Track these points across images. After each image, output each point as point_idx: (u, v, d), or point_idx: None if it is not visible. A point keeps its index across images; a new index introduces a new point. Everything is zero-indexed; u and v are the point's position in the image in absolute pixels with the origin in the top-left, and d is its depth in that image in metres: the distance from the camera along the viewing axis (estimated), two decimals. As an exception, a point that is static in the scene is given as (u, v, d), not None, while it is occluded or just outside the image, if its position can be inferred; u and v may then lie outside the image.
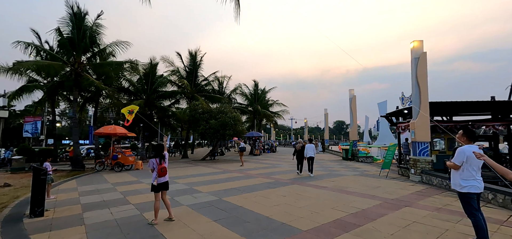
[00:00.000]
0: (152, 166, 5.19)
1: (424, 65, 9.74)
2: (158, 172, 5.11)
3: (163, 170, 5.15)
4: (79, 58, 15.22)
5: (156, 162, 5.18)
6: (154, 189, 5.18)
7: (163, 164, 5.19)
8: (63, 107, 44.79)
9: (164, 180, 5.22)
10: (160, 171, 5.12)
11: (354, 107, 19.89)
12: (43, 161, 7.52)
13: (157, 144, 5.55)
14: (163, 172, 5.16)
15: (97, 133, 13.91)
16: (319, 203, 6.44)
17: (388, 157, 10.90)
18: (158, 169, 5.13)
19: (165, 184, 5.26)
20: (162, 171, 5.14)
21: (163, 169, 5.15)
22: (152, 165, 5.18)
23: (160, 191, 5.23)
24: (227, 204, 6.57)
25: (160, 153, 5.27)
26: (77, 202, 7.18)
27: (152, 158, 5.28)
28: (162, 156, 5.26)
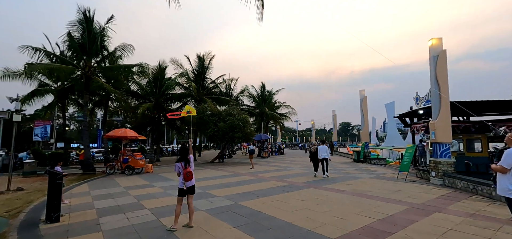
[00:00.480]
0: (177, 170, 5.05)
1: (444, 63, 9.39)
2: (184, 176, 4.94)
3: (188, 174, 4.96)
4: (89, 61, 15.27)
5: (181, 166, 5.03)
6: (180, 193, 5.00)
7: (188, 168, 5.01)
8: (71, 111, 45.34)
9: (190, 184, 5.05)
10: (186, 175, 4.94)
11: (365, 108, 19.49)
12: (53, 165, 7.45)
13: (182, 146, 5.33)
14: (189, 176, 4.98)
15: (108, 136, 13.88)
16: (341, 208, 6.16)
17: (406, 159, 10.53)
18: (183, 173, 4.95)
19: (191, 188, 5.08)
20: (188, 175, 4.96)
21: (188, 173, 4.96)
22: (178, 169, 5.05)
23: (186, 195, 5.05)
24: (245, 209, 6.34)
25: (185, 156, 5.08)
26: (91, 207, 7.05)
27: (177, 161, 5.11)
28: (188, 160, 5.08)
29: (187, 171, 4.97)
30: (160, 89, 21.71)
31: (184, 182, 4.98)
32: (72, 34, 14.63)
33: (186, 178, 4.95)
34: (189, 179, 4.99)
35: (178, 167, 5.05)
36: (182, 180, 4.99)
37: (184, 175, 4.95)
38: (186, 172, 4.95)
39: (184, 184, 4.98)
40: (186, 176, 4.95)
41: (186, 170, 4.98)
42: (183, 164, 5.03)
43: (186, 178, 4.95)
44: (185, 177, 4.95)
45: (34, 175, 14.87)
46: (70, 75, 15.64)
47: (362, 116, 19.67)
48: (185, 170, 4.97)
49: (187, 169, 4.99)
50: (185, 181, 4.97)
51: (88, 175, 13.47)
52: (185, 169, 4.99)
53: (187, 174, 4.95)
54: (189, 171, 4.98)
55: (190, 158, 5.16)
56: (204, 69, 24.53)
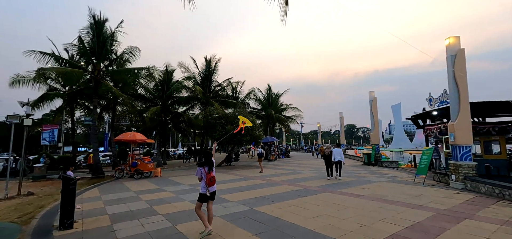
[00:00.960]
0: (199, 175, 4.78)
1: (463, 63, 9.08)
2: (207, 181, 4.71)
3: (212, 179, 4.74)
4: (98, 65, 15.28)
5: (204, 170, 4.76)
6: (201, 199, 4.78)
7: (212, 173, 4.78)
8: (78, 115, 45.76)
9: (213, 190, 4.84)
10: (209, 180, 4.71)
11: (375, 110, 19.14)
12: (65, 170, 7.33)
13: (205, 150, 5.13)
14: (213, 182, 4.77)
15: (117, 140, 13.81)
16: (363, 214, 5.89)
17: (423, 162, 10.19)
18: (207, 178, 4.71)
19: (213, 194, 4.88)
20: (212, 180, 4.74)
21: (212, 178, 4.74)
22: (200, 173, 4.78)
23: (207, 201, 4.85)
24: (262, 215, 6.12)
25: (209, 160, 4.85)
26: (104, 212, 6.90)
27: (200, 165, 4.88)
28: (212, 164, 4.85)
29: (210, 176, 4.73)
30: (166, 92, 21.68)
31: (207, 187, 4.74)
32: (82, 38, 14.67)
33: (209, 184, 4.73)
34: (212, 184, 4.79)
35: (200, 172, 4.78)
36: (205, 185, 4.75)
37: (207, 180, 4.71)
38: (209, 177, 4.71)
39: (207, 189, 4.74)
40: (210, 181, 4.72)
41: (210, 175, 4.74)
42: (206, 168, 4.78)
43: (210, 183, 4.73)
44: (208, 182, 4.72)
45: (44, 179, 14.87)
46: (80, 79, 15.69)
47: (372, 118, 19.32)
48: (209, 175, 4.73)
49: (210, 174, 4.75)
50: (208, 187, 4.74)
51: (97, 179, 13.40)
52: (208, 174, 4.74)
53: (210, 179, 4.72)
54: (212, 176, 4.76)
55: (213, 162, 4.94)
56: (211, 72, 24.46)
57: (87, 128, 64.41)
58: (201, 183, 4.84)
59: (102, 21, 14.94)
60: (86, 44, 15.01)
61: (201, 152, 25.69)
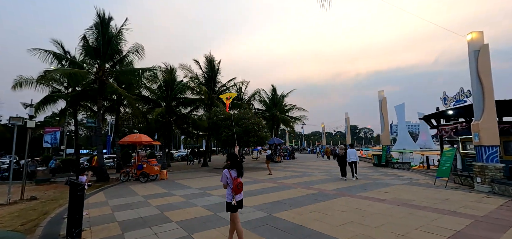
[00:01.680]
0: (225, 181, 4.23)
1: (487, 58, 8.64)
2: (233, 188, 4.15)
3: (239, 186, 4.20)
4: (103, 66, 14.92)
5: (230, 175, 4.20)
6: (231, 209, 4.24)
7: (239, 179, 4.25)
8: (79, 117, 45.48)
9: (239, 198, 4.28)
10: (236, 187, 4.15)
11: (385, 110, 18.67)
12: (78, 175, 6.93)
13: (231, 153, 4.61)
14: (240, 188, 4.23)
15: (122, 142, 13.41)
16: (394, 222, 5.44)
17: (445, 163, 9.72)
18: (233, 184, 4.15)
19: (240, 203, 4.32)
20: (239, 187, 4.19)
21: (239, 184, 4.20)
22: (226, 179, 4.22)
23: (237, 211, 4.29)
24: (284, 223, 5.68)
25: (237, 164, 4.32)
26: (113, 219, 6.49)
27: (225, 168, 4.37)
28: (240, 168, 4.32)
29: (237, 182, 4.18)
30: (171, 93, 21.29)
31: (234, 195, 4.18)
32: (87, 37, 14.32)
33: (236, 191, 4.17)
34: (239, 192, 4.25)
35: (226, 177, 4.21)
36: (231, 192, 4.20)
37: (234, 187, 4.14)
38: (237, 183, 4.15)
39: (233, 197, 4.17)
40: (237, 188, 4.16)
41: (237, 180, 4.18)
42: (233, 172, 4.23)
43: (237, 190, 4.17)
44: (235, 189, 4.14)
45: (47, 183, 14.50)
46: (84, 80, 15.34)
47: (382, 118, 18.84)
48: (236, 181, 4.17)
49: (237, 180, 4.20)
50: (235, 194, 4.18)
51: (102, 182, 13.00)
52: (235, 180, 4.19)
53: (238, 185, 4.16)
54: (240, 182, 4.21)
55: (241, 166, 4.43)
56: (214, 72, 24.08)
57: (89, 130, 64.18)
58: (227, 190, 4.31)
59: (107, 19, 14.58)
60: (90, 43, 14.65)
61: (204, 153, 25.28)
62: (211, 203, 7.95)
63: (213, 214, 6.62)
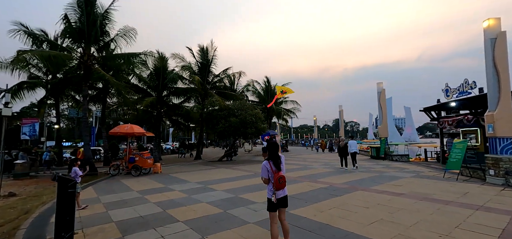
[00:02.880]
0: (266, 175, 3.62)
1: (504, 46, 8.34)
2: (274, 183, 3.53)
3: (281, 180, 3.54)
4: (88, 49, 13.62)
5: (270, 168, 3.58)
6: (271, 208, 3.63)
7: (280, 172, 3.60)
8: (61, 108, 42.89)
9: (282, 195, 3.63)
10: (278, 181, 3.51)
11: (383, 102, 18.50)
12: (71, 166, 6.03)
13: (270, 142, 3.82)
14: (282, 183, 3.55)
15: (113, 133, 12.34)
16: (427, 219, 5.00)
17: (455, 156, 9.48)
18: (274, 178, 3.53)
19: (284, 200, 3.66)
20: (281, 181, 3.53)
21: (281, 178, 3.54)
22: (266, 173, 3.61)
23: (276, 209, 3.66)
24: (306, 221, 5.10)
25: (276, 154, 3.67)
26: (108, 219, 5.67)
27: (268, 159, 3.70)
28: (278, 159, 3.66)
29: (279, 175, 3.54)
30: (162, 82, 20.09)
31: (275, 191, 3.55)
32: (69, 17, 12.93)
33: (278, 186, 3.52)
34: (282, 187, 3.58)
35: (266, 170, 3.62)
36: (272, 188, 3.58)
37: (275, 181, 3.52)
38: (278, 177, 3.52)
39: (274, 194, 3.55)
40: (278, 182, 3.52)
41: (278, 174, 3.55)
42: (272, 164, 3.60)
43: (278, 185, 3.52)
44: (276, 184, 3.51)
45: (27, 177, 13.22)
46: (66, 64, 13.99)
47: (380, 110, 18.67)
48: (277, 175, 3.54)
49: (279, 173, 3.57)
50: (276, 190, 3.55)
51: (90, 176, 11.94)
52: (276, 173, 3.56)
53: (279, 179, 3.52)
54: (282, 176, 3.56)
55: (282, 159, 3.73)
56: (209, 62, 22.99)
57: (71, 121, 61.04)
58: (268, 186, 3.67)
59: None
60: (73, 24, 13.27)
61: (197, 146, 24.37)
62: (217, 199, 7.26)
63: (223, 212, 5.94)
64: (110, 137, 23.60)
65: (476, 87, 11.87)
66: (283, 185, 3.57)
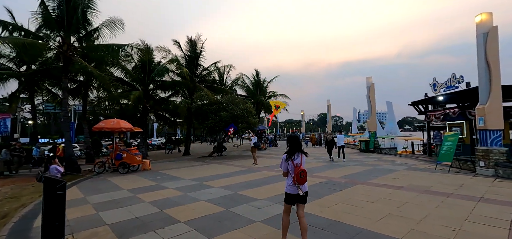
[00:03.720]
0: (285, 168, 3.54)
1: (495, 41, 8.58)
2: (295, 177, 3.40)
3: (302, 174, 3.40)
4: (68, 38, 12.60)
5: (291, 162, 3.47)
6: (289, 200, 3.54)
7: (301, 166, 3.47)
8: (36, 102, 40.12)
9: (305, 189, 3.52)
10: (299, 176, 3.38)
11: (373, 96, 18.80)
12: (48, 164, 5.47)
13: (291, 136, 3.78)
14: (303, 178, 3.41)
15: (97, 129, 11.55)
16: (434, 212, 5.00)
17: (447, 148, 9.74)
18: (295, 172, 3.40)
19: (302, 196, 3.50)
20: (302, 175, 3.39)
21: (303, 172, 3.41)
22: (286, 166, 3.53)
23: (295, 203, 3.56)
24: (314, 218, 4.94)
25: (299, 148, 3.56)
26: (100, 222, 5.20)
27: (287, 154, 3.57)
28: (300, 153, 3.54)
29: (300, 170, 3.41)
30: (149, 75, 19.18)
31: (299, 185, 3.42)
32: (46, 2, 11.84)
33: (300, 180, 3.39)
34: (304, 182, 3.45)
35: (285, 163, 3.55)
36: (292, 183, 3.45)
37: (296, 175, 3.39)
38: (299, 172, 3.39)
39: (299, 188, 3.41)
40: (300, 176, 3.38)
41: (299, 168, 3.42)
42: (294, 158, 3.49)
43: (300, 179, 3.39)
44: (297, 178, 3.38)
45: (1, 177, 12.17)
46: (42, 54, 12.88)
47: (369, 104, 19.00)
48: (298, 169, 3.41)
49: (299, 167, 3.44)
50: (300, 184, 3.42)
51: (73, 175, 11.15)
52: (297, 167, 3.43)
53: (300, 173, 3.38)
54: (303, 171, 3.42)
55: (303, 159, 3.59)
56: (197, 55, 22.24)
57: (47, 117, 57.48)
58: (287, 179, 3.56)
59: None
60: (51, 11, 12.20)
61: (186, 142, 23.70)
62: (216, 196, 6.94)
63: (225, 210, 5.65)
64: (92, 133, 22.39)
65: (464, 81, 12.27)
66: (305, 179, 3.45)
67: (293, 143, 3.58)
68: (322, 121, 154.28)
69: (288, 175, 3.55)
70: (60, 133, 46.38)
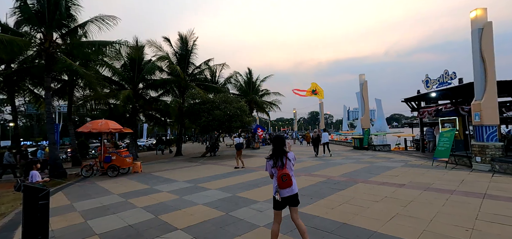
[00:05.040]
0: (269, 170, 3.38)
1: (490, 36, 8.60)
2: (278, 180, 3.19)
3: (285, 177, 3.16)
4: (50, 35, 11.86)
5: (273, 164, 3.30)
6: (275, 206, 3.32)
7: (284, 169, 3.21)
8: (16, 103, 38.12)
9: (288, 194, 3.23)
10: (280, 179, 3.16)
11: (366, 93, 18.86)
12: (28, 170, 4.98)
13: (276, 136, 3.53)
14: (286, 182, 3.16)
15: (85, 130, 10.92)
16: (443, 211, 4.87)
17: (444, 144, 9.76)
18: (278, 175, 3.20)
19: (291, 199, 3.28)
20: (284, 179, 3.15)
21: (285, 176, 3.16)
22: (270, 168, 3.36)
23: (284, 208, 3.32)
24: (320, 220, 4.70)
25: (281, 150, 3.32)
26: (89, 232, 4.77)
27: (269, 159, 3.41)
28: (282, 155, 3.29)
29: (282, 172, 3.18)
30: (138, 74, 18.51)
31: (278, 189, 3.20)
32: None
33: (282, 184, 3.17)
34: (286, 186, 3.19)
35: (269, 166, 3.37)
36: (276, 185, 3.23)
37: (278, 179, 3.18)
38: (281, 175, 3.17)
39: (278, 191, 3.20)
40: (281, 180, 3.16)
41: (282, 171, 3.19)
42: (277, 161, 3.27)
43: (282, 183, 3.16)
44: (279, 181, 3.17)
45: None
46: (22, 52, 12.09)
47: (362, 101, 19.05)
48: (281, 172, 3.20)
49: (283, 170, 3.20)
50: (280, 188, 3.20)
51: (58, 180, 10.49)
52: (280, 169, 3.22)
53: (282, 177, 3.16)
54: (285, 173, 3.18)
55: (289, 156, 3.35)
56: (188, 52, 21.67)
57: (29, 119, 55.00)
58: (273, 182, 3.35)
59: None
60: (30, 6, 11.43)
61: (178, 142, 23.12)
62: (213, 199, 6.61)
63: (226, 215, 5.33)
64: (77, 135, 21.45)
65: (456, 77, 12.40)
66: (288, 183, 3.19)
67: (276, 144, 3.36)
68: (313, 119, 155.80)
69: (274, 177, 3.33)
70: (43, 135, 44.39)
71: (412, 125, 27.18)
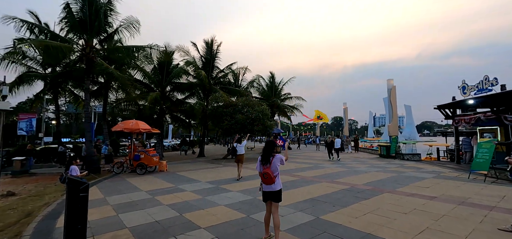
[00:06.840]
0: (258, 169, 4.11)
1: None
2: (260, 176, 4.06)
3: (266, 175, 3.91)
4: (91, 41, 12.93)
5: (260, 164, 4.09)
6: (263, 197, 4.17)
7: (268, 168, 3.94)
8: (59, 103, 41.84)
9: (268, 189, 4.01)
10: (262, 176, 3.98)
11: (394, 99, 18.01)
12: (69, 164, 5.48)
13: (268, 141, 4.25)
14: (266, 179, 3.92)
15: (116, 129, 11.72)
16: (479, 227, 4.53)
17: (483, 156, 8.99)
18: (261, 172, 4.02)
19: (271, 194, 4.01)
20: (265, 177, 3.92)
21: (265, 174, 3.91)
22: (259, 167, 4.11)
23: (267, 201, 4.12)
24: (343, 230, 4.58)
25: (269, 152, 4.04)
26: (121, 224, 5.11)
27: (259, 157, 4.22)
28: (269, 156, 4.00)
29: (265, 171, 3.94)
30: (166, 77, 19.44)
31: (262, 183, 4.07)
32: (71, 6, 12.22)
33: (263, 180, 3.99)
34: (267, 183, 3.96)
35: (259, 164, 4.13)
36: (261, 181, 4.09)
37: (261, 176, 4.03)
38: (263, 174, 3.96)
39: (261, 184, 4.10)
40: (263, 177, 3.96)
41: (266, 169, 3.95)
42: (264, 160, 4.04)
43: (263, 179, 3.98)
44: (262, 178, 4.01)
45: (26, 175, 12.63)
46: (66, 56, 13.29)
47: (390, 107, 18.22)
48: (264, 169, 3.98)
49: (265, 169, 3.95)
50: (262, 183, 4.05)
51: (93, 175, 11.35)
52: (264, 168, 3.99)
53: (264, 174, 3.94)
54: (266, 172, 3.92)
55: (276, 157, 4.03)
56: (213, 57, 22.33)
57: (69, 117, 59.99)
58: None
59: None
60: (75, 14, 12.57)
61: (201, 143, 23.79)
62: (234, 201, 6.73)
63: (247, 217, 5.41)
64: (110, 134, 22.98)
65: (498, 84, 11.44)
66: (268, 181, 3.90)
67: (266, 148, 4.06)
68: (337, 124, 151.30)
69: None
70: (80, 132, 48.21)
71: (446, 133, 25.31)
